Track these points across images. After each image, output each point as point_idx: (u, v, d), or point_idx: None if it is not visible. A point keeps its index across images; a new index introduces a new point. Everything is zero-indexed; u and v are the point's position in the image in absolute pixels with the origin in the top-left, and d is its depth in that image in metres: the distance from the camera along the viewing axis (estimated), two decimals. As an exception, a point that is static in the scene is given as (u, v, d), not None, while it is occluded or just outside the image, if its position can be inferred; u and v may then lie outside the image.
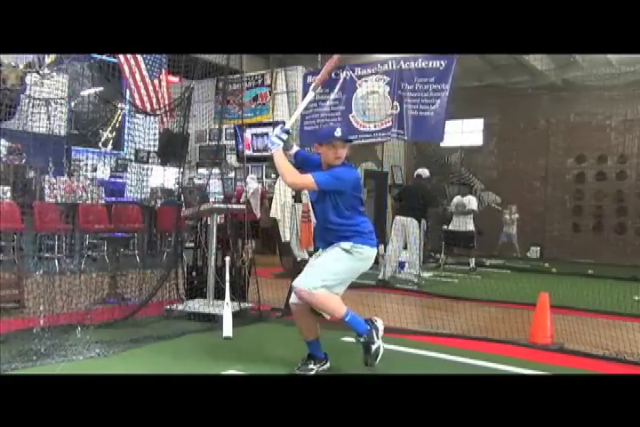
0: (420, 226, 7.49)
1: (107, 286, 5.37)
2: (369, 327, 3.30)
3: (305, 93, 5.52)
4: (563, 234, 12.69)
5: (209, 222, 5.21)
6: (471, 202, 9.56)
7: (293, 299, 3.40)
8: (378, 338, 3.30)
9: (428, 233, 9.33)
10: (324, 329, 3.56)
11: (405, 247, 7.61)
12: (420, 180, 8.14)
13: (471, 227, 9.51)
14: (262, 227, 9.05)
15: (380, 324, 3.39)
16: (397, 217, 7.61)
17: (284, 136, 3.38)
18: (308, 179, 3.25)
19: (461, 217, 9.51)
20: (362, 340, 3.28)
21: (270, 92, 11.93)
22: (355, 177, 3.42)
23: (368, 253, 3.39)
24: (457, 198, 9.73)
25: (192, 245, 5.64)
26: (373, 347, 3.26)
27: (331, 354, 3.51)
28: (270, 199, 8.42)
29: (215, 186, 8.62)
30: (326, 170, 3.39)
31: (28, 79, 6.57)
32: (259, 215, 9.07)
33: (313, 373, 3.36)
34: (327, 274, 3.27)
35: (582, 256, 11.65)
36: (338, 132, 3.31)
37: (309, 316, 3.38)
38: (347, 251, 3.34)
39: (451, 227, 9.69)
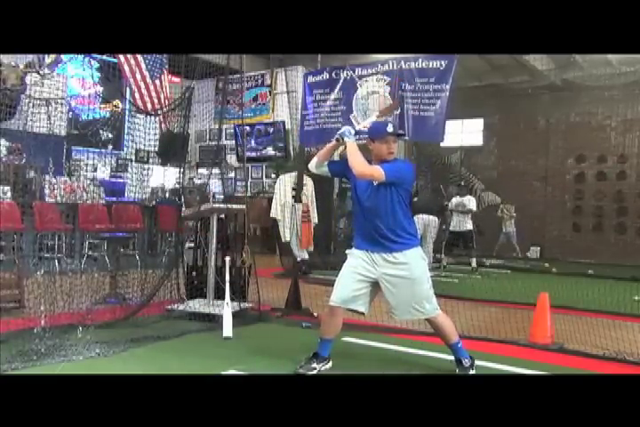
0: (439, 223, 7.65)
1: (107, 285, 5.37)
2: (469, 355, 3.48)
3: (305, 93, 5.49)
4: (563, 234, 12.67)
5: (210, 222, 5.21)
6: (471, 202, 9.63)
7: (333, 302, 3.43)
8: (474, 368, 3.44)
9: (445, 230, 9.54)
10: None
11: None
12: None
13: (470, 227, 9.56)
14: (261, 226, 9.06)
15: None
16: (419, 216, 7.70)
17: (353, 132, 3.45)
18: (377, 170, 3.25)
19: (460, 217, 9.55)
20: (465, 364, 3.41)
21: (270, 92, 11.94)
22: (412, 171, 3.58)
23: None
24: (456, 199, 9.77)
25: (192, 245, 5.65)
26: (470, 372, 3.41)
27: (331, 354, 3.51)
28: (270, 199, 8.41)
29: (215, 186, 8.62)
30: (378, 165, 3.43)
31: (27, 79, 6.57)
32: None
33: (315, 372, 3.37)
34: (431, 292, 3.48)
35: (582, 256, 11.63)
36: (390, 128, 3.35)
37: (341, 317, 3.47)
38: (423, 258, 3.51)
39: (450, 227, 9.74)
